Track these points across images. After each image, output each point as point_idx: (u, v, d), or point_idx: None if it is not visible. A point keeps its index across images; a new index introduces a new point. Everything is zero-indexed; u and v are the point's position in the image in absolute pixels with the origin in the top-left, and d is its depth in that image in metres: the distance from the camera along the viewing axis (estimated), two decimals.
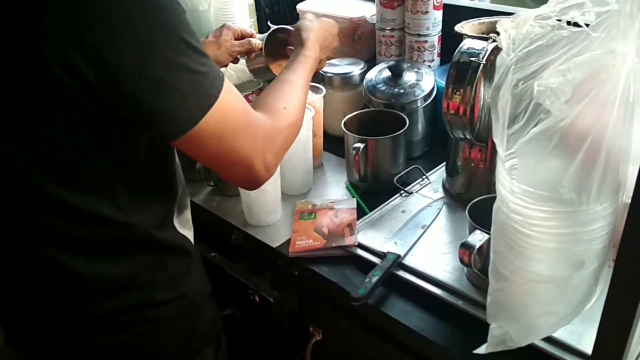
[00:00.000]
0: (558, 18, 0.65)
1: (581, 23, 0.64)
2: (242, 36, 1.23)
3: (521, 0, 1.77)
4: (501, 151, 0.67)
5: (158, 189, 0.83)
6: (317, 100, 1.27)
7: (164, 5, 0.67)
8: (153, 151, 0.79)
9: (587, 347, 0.80)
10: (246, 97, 1.41)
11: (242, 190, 1.14)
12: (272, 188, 1.14)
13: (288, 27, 1.19)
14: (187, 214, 0.93)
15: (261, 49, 1.20)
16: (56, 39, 0.62)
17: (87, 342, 0.84)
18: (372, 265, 1.00)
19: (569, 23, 0.65)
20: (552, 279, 0.70)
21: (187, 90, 0.69)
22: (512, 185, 0.67)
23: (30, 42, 0.63)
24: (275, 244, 1.11)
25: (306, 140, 1.21)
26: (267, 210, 1.16)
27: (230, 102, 0.75)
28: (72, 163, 0.73)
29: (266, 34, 1.21)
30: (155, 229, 0.82)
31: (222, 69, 1.48)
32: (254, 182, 0.82)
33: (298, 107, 0.91)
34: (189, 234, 0.92)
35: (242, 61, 1.48)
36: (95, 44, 0.63)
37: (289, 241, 1.10)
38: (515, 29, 0.65)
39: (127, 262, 0.82)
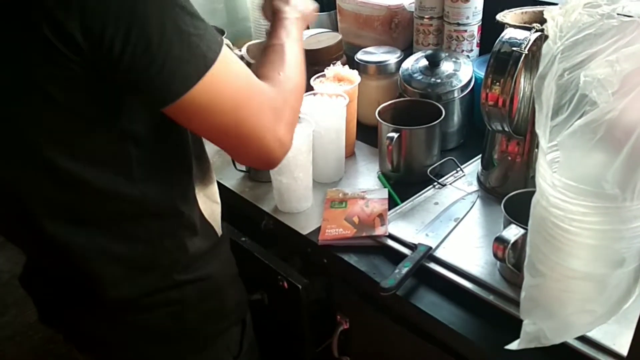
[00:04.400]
0: (608, 6, 0.62)
1: (632, 13, 0.62)
2: None
3: None
4: (543, 143, 0.65)
5: (172, 162, 0.81)
6: (351, 88, 1.26)
7: None
8: (162, 121, 0.73)
9: (622, 348, 0.78)
10: None
11: (273, 177, 1.14)
12: (303, 175, 1.13)
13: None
14: (213, 187, 0.91)
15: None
16: (45, 2, 0.60)
17: (113, 321, 0.85)
18: (403, 256, 0.99)
19: (619, 13, 0.63)
20: (590, 277, 0.68)
21: (179, 53, 0.65)
22: (553, 178, 0.65)
23: (17, 4, 0.61)
24: (305, 231, 1.11)
25: (339, 129, 1.20)
26: (298, 198, 1.15)
27: (228, 69, 0.69)
28: (83, 135, 0.71)
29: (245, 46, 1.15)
30: (170, 204, 0.81)
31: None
32: (269, 160, 0.77)
33: (293, 68, 0.85)
34: (216, 208, 0.91)
35: None
36: (81, 5, 0.60)
37: (319, 229, 1.09)
38: (564, 17, 0.63)
39: (145, 242, 0.81)
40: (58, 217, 0.77)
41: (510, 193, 0.92)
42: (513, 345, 0.77)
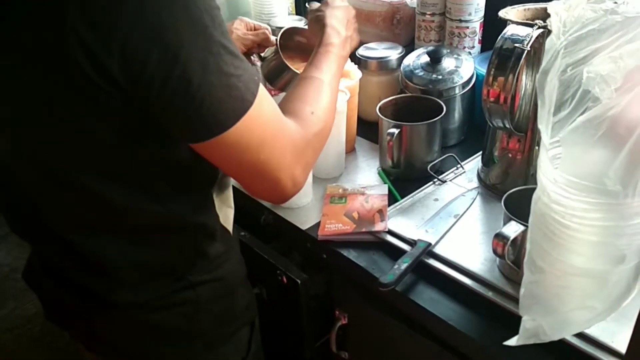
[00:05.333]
0: (612, 2, 0.62)
1: (636, 9, 0.62)
2: (255, 30, 1.15)
3: None
4: (546, 139, 0.65)
5: (199, 178, 0.80)
6: (352, 83, 1.26)
7: (196, 2, 0.61)
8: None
9: (620, 345, 0.78)
10: None
11: None
12: None
13: (303, 27, 1.10)
14: (229, 192, 0.91)
15: (276, 43, 1.10)
16: (82, 35, 0.58)
17: (124, 321, 0.85)
18: (402, 252, 0.99)
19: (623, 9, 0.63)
20: (590, 273, 0.68)
21: (219, 94, 0.64)
22: (554, 174, 0.65)
23: (56, 39, 0.60)
24: (304, 226, 1.11)
25: (339, 124, 1.20)
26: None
27: (262, 109, 0.69)
28: (109, 158, 0.70)
29: (280, 32, 1.11)
30: (193, 216, 0.80)
31: None
32: (280, 198, 0.77)
33: (327, 109, 0.83)
34: (230, 212, 0.90)
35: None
36: (120, 42, 0.58)
37: (318, 224, 1.09)
38: (567, 12, 0.63)
39: (165, 249, 0.81)
40: (78, 227, 0.78)
41: (510, 190, 0.92)
42: (512, 341, 0.77)
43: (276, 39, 1.09)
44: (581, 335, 0.80)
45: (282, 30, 1.09)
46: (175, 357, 0.88)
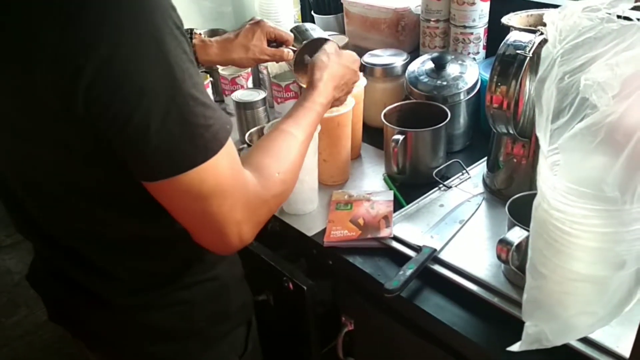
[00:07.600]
0: (608, 10, 0.62)
1: (632, 16, 0.62)
2: (275, 39, 1.13)
3: None
4: (544, 146, 0.65)
5: None
6: (357, 90, 1.27)
7: (168, 53, 0.61)
8: None
9: (625, 350, 0.78)
10: (287, 86, 1.41)
11: None
12: (309, 178, 1.14)
13: (326, 37, 1.09)
14: None
15: (293, 59, 1.10)
16: (51, 73, 0.59)
17: (122, 321, 0.87)
18: (407, 258, 1.00)
19: (619, 16, 0.63)
20: (591, 279, 0.68)
21: (178, 143, 0.63)
22: (554, 181, 0.65)
23: (26, 75, 0.61)
24: (310, 233, 1.12)
25: (345, 131, 1.21)
26: (303, 200, 1.16)
27: (222, 161, 0.67)
28: (87, 183, 0.72)
29: (302, 45, 1.10)
30: None
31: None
32: (224, 251, 0.75)
33: (293, 171, 0.83)
34: None
35: None
36: (86, 84, 0.59)
37: (324, 231, 1.10)
38: (563, 21, 0.64)
39: (162, 256, 0.83)
40: (74, 234, 0.80)
41: (515, 195, 0.92)
42: (515, 347, 0.77)
43: (295, 52, 1.09)
44: (586, 340, 0.80)
45: (303, 44, 1.09)
46: (173, 355, 0.90)
